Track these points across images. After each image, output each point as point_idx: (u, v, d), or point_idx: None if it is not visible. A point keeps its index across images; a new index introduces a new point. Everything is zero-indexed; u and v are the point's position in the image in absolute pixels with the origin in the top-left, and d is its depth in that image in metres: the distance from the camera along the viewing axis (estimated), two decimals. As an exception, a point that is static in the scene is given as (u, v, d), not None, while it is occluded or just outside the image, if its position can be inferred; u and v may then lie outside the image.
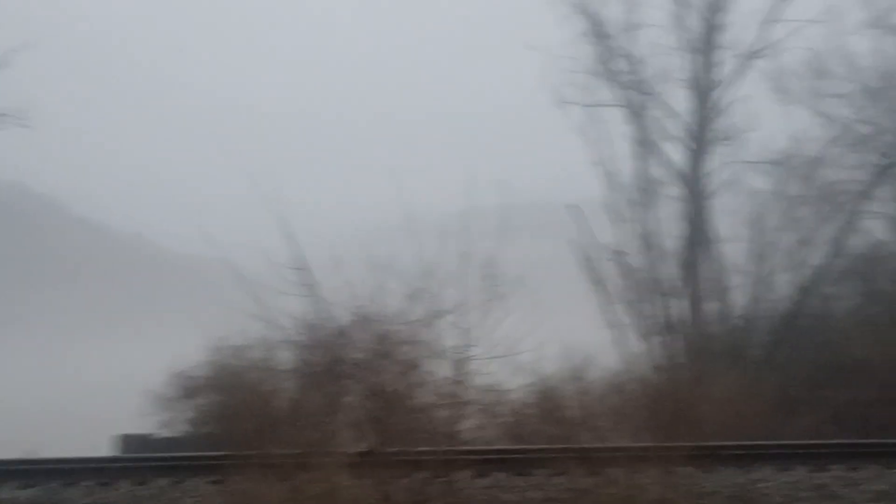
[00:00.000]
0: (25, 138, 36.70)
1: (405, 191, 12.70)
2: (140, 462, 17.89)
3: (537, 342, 14.93)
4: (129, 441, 23.93)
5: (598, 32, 39.07)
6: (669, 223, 38.88)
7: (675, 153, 39.18)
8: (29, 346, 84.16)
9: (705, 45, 38.91)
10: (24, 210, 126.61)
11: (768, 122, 39.74)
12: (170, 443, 24.10)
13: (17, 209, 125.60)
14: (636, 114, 39.19)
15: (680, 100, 39.32)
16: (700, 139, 38.60)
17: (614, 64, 39.30)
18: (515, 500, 14.10)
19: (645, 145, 39.09)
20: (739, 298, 38.43)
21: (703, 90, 38.87)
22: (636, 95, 39.27)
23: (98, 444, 22.35)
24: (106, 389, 30.79)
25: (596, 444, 13.40)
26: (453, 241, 11.67)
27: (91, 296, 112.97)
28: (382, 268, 12.14)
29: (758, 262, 38.38)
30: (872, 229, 39.58)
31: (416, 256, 12.00)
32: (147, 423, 26.61)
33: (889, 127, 39.56)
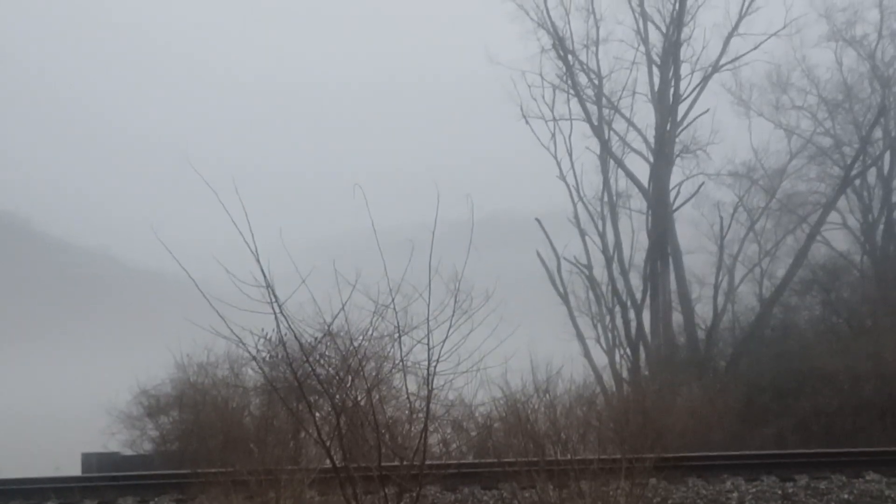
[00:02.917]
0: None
1: (371, 205, 12.60)
2: (105, 481, 17.70)
3: (504, 356, 14.89)
4: (94, 460, 23.73)
5: (562, 48, 39.21)
6: (634, 235, 39.08)
7: (639, 166, 39.34)
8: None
9: (668, 59, 39.06)
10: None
11: (731, 134, 40.16)
12: (135, 461, 23.91)
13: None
14: (600, 128, 39.33)
15: (643, 114, 39.57)
16: (663, 152, 38.70)
17: (578, 79, 39.47)
18: (485, 513, 14.05)
19: (609, 159, 39.27)
20: (703, 310, 38.64)
21: (666, 104, 39.00)
22: (600, 109, 39.41)
23: (63, 464, 22.17)
24: (70, 408, 30.56)
25: (563, 457, 13.34)
26: (420, 256, 11.61)
27: (54, 311, 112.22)
28: (348, 283, 12.03)
29: (721, 273, 38.66)
30: (834, 240, 39.97)
31: (383, 271, 11.91)
32: (112, 441, 26.42)
33: (849, 139, 39.92)
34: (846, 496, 15.38)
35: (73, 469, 22.17)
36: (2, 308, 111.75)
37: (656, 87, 39.21)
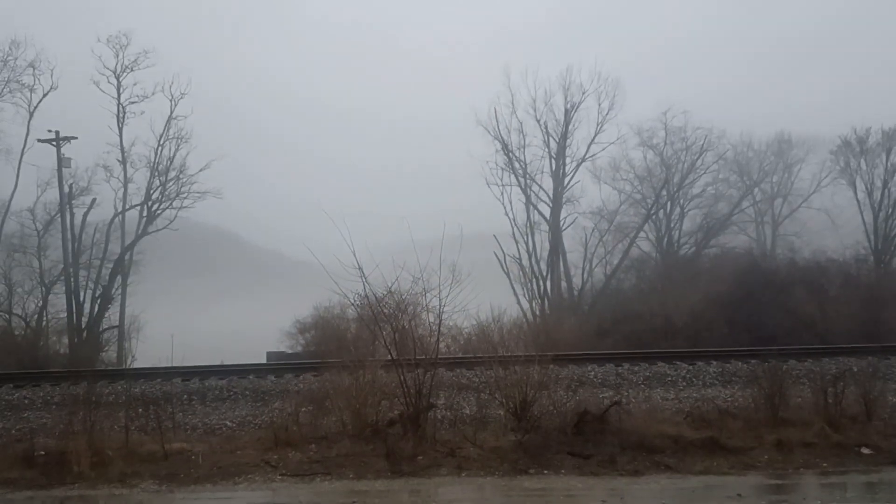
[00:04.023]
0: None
1: (411, 227, 12.72)
2: (278, 365, 17.73)
3: (477, 303, 14.89)
4: (273, 355, 23.78)
5: (506, 150, 39.35)
6: (542, 243, 39.22)
7: (545, 209, 39.54)
8: (219, 310, 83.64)
9: (559, 155, 39.30)
10: (215, 240, 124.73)
11: (590, 193, 40.47)
12: (293, 356, 23.95)
13: (213, 241, 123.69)
14: (525, 189, 39.45)
15: (547, 183, 39.81)
16: (558, 201, 38.96)
17: (515, 164, 39.56)
18: (467, 382, 14.01)
19: (530, 205, 39.46)
20: (576, 280, 38.83)
21: (559, 178, 39.20)
22: (526, 180, 39.52)
23: (255, 357, 22.17)
24: (259, 329, 30.58)
25: (507, 354, 13.30)
26: (435, 253, 11.59)
27: (249, 285, 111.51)
28: (399, 266, 12.08)
29: (585, 262, 38.89)
30: (642, 246, 40.23)
31: (416, 261, 11.90)
32: (281, 345, 26.48)
33: (650, 196, 40.27)
34: (647, 374, 15.36)
35: (261, 359, 22.19)
36: (223, 284, 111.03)
37: (553, 169, 39.39)
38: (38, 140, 32.54)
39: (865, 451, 10.08)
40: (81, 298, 32.18)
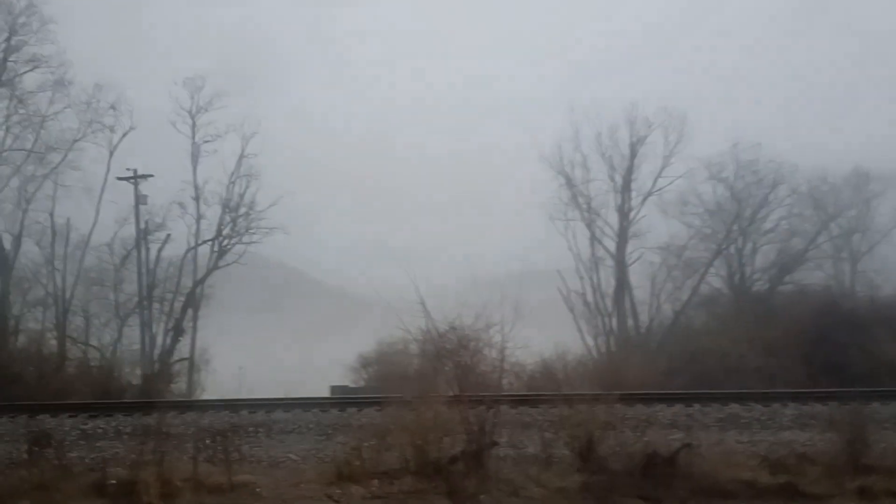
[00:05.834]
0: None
1: (474, 264, 12.80)
2: (342, 400, 17.86)
3: (539, 340, 14.75)
4: (337, 389, 23.97)
5: (570, 185, 39.19)
6: (607, 279, 38.71)
7: (609, 243, 39.12)
8: (285, 343, 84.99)
9: (625, 189, 38.96)
10: (281, 276, 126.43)
11: (657, 227, 39.74)
12: (356, 390, 24.08)
13: (278, 277, 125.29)
14: (590, 225, 39.16)
15: (612, 217, 39.33)
16: (623, 236, 38.54)
17: (578, 200, 39.32)
18: (531, 420, 13.83)
19: (594, 240, 39.15)
20: (643, 317, 38.13)
21: (624, 212, 38.86)
22: (590, 215, 39.23)
23: (319, 391, 22.36)
24: (326, 364, 30.97)
25: (572, 392, 13.09)
26: (497, 289, 11.59)
27: (317, 323, 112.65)
28: (461, 303, 12.11)
29: (653, 298, 38.15)
30: (713, 283, 39.31)
31: (480, 297, 11.92)
32: (345, 379, 26.69)
33: (720, 230, 39.47)
34: (720, 415, 14.86)
35: (325, 393, 22.36)
36: (289, 318, 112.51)
37: (619, 203, 39.05)
38: (117, 178, 34.17)
39: (960, 502, 9.46)
40: (154, 331, 33.37)
